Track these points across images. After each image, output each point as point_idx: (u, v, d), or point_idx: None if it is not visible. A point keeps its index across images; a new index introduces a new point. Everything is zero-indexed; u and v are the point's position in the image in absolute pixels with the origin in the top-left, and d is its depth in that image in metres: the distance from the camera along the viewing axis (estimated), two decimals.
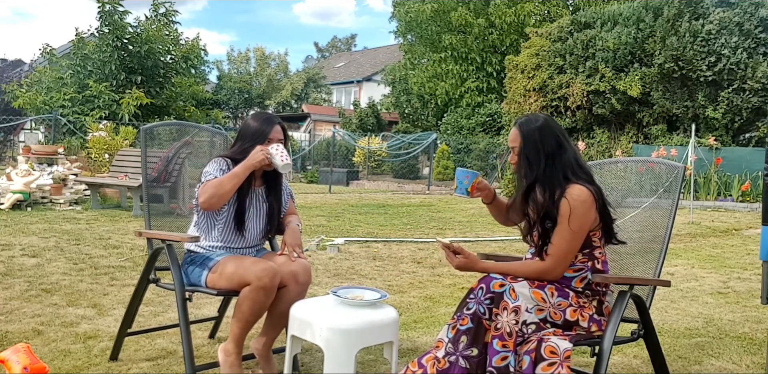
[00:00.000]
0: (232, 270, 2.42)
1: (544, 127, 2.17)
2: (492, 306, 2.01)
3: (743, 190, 11.15)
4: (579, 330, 2.12)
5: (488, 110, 18.41)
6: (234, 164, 2.54)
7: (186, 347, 2.35)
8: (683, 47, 12.03)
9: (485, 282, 2.06)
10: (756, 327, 3.55)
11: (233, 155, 2.59)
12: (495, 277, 2.07)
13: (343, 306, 2.25)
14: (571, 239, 2.11)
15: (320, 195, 12.77)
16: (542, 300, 2.05)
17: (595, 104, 13.76)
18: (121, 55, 14.97)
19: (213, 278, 2.48)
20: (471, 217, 9.16)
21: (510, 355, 1.96)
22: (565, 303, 2.10)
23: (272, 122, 2.64)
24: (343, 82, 34.48)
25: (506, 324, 1.98)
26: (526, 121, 2.20)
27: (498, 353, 1.96)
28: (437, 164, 17.19)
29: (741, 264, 5.61)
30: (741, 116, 12.04)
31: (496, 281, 2.05)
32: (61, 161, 9.40)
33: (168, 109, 15.75)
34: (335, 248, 5.77)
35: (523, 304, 2.01)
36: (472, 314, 2.03)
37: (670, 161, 2.61)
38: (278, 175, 2.69)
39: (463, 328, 2.02)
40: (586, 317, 2.14)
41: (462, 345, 2.01)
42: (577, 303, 2.13)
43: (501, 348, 1.96)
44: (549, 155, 2.15)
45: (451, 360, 2.01)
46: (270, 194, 2.70)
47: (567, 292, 2.13)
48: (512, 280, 2.06)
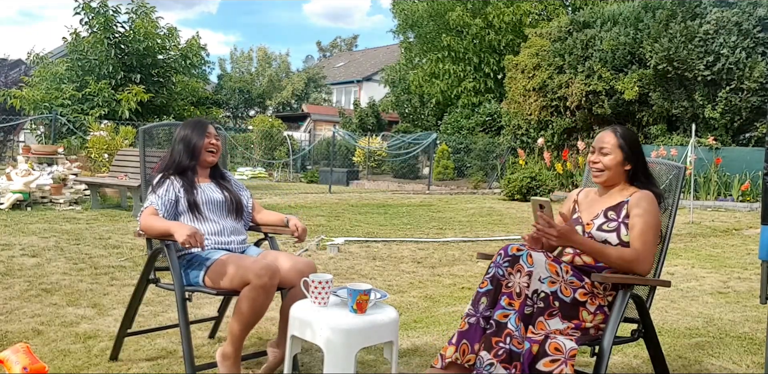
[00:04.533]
0: (231, 269, 2.41)
1: (633, 135, 2.41)
2: (509, 267, 2.10)
3: (743, 190, 11.15)
4: (585, 314, 2.13)
5: (488, 110, 18.40)
6: (178, 177, 2.70)
7: (186, 347, 2.34)
8: (675, 47, 12.01)
9: (504, 249, 2.15)
10: (756, 327, 3.54)
11: (169, 169, 2.74)
12: (513, 243, 2.15)
13: (344, 306, 2.25)
14: (653, 233, 2.20)
15: (320, 195, 12.77)
16: (556, 273, 2.11)
17: (594, 104, 13.77)
18: (118, 53, 14.96)
19: (211, 277, 2.48)
20: (471, 217, 9.16)
21: (512, 313, 2.01)
22: (578, 283, 2.16)
23: (201, 122, 2.80)
24: (343, 82, 34.48)
25: (517, 284, 2.06)
26: (616, 126, 2.42)
27: (502, 308, 2.03)
28: (437, 164, 17.19)
29: (741, 264, 5.61)
30: (740, 115, 12.05)
31: (514, 246, 2.14)
32: (61, 160, 9.40)
33: (168, 108, 15.74)
34: (335, 248, 5.76)
35: (537, 272, 2.08)
36: (491, 277, 2.11)
37: (670, 161, 2.62)
38: (218, 169, 2.88)
39: (483, 290, 2.10)
40: (596, 304, 2.17)
41: (482, 307, 2.07)
42: (590, 289, 2.18)
43: (506, 305, 2.03)
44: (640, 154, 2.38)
45: (471, 322, 2.06)
46: (221, 187, 2.81)
47: (583, 277, 2.18)
48: (531, 248, 2.14)
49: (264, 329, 3.31)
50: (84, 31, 15.08)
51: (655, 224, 2.22)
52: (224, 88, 29.42)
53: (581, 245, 2.18)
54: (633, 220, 2.22)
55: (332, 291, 2.30)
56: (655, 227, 2.22)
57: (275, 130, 19.69)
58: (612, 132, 2.36)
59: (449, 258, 5.66)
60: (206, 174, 2.85)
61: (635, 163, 2.34)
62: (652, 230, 2.21)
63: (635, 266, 2.16)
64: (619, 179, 2.36)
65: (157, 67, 15.65)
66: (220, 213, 2.73)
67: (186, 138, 2.77)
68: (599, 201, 2.39)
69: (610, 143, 2.33)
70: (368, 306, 2.20)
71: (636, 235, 2.20)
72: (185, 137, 2.77)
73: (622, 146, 2.33)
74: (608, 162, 2.33)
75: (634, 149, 2.34)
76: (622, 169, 2.34)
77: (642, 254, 2.17)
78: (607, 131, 2.38)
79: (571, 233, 2.16)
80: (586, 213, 2.39)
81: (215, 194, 2.77)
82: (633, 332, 2.31)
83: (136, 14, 15.27)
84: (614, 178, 2.35)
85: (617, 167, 2.33)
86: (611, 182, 2.36)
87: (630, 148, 2.33)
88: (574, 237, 2.16)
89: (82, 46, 14.85)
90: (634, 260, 2.16)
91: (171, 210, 2.65)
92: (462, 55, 19.81)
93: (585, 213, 2.40)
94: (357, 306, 2.17)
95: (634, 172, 2.35)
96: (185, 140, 2.77)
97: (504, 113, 16.37)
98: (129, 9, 15.29)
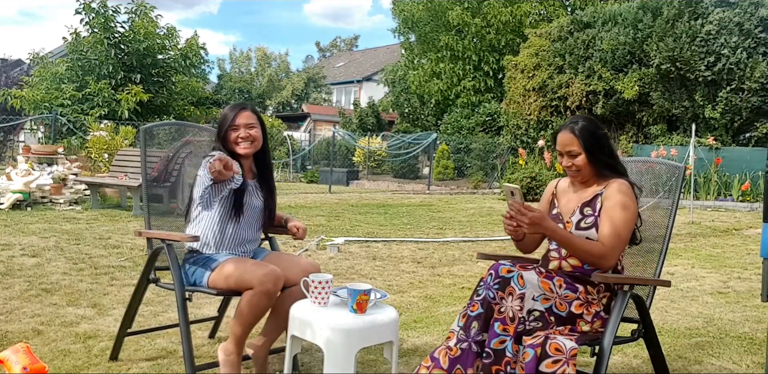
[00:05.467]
0: (234, 273, 2.38)
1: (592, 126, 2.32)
2: (500, 290, 2.04)
3: (743, 190, 11.15)
4: (582, 324, 2.13)
5: (488, 110, 18.41)
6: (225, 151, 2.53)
7: (186, 347, 2.34)
8: (680, 48, 12.02)
9: (494, 269, 2.09)
10: (756, 327, 3.54)
11: (217, 147, 2.58)
12: (503, 263, 2.10)
13: (344, 306, 2.24)
14: (624, 226, 2.15)
15: (320, 195, 12.77)
16: (549, 290, 2.08)
17: (594, 104, 13.77)
18: (118, 53, 14.97)
19: (215, 278, 2.45)
20: (471, 217, 9.16)
21: (508, 340, 1.98)
22: (573, 295, 2.13)
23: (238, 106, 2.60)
24: (343, 81, 34.48)
25: (510, 308, 2.01)
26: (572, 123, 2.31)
27: (497, 336, 1.98)
28: (437, 164, 17.20)
29: (741, 264, 5.61)
30: (740, 115, 12.05)
31: (504, 266, 2.08)
32: (61, 160, 9.40)
33: (167, 108, 15.75)
34: (335, 247, 5.76)
35: (529, 292, 2.04)
36: (482, 300, 2.05)
37: (670, 161, 2.61)
38: (267, 167, 2.69)
39: (474, 314, 2.04)
40: (592, 312, 2.16)
41: (473, 331, 2.03)
42: (585, 298, 2.15)
43: (501, 332, 1.99)
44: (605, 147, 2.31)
45: (463, 347, 2.02)
46: (261, 189, 2.67)
47: (576, 287, 2.15)
48: (521, 267, 2.09)
49: None
50: (84, 31, 15.09)
51: (628, 217, 2.18)
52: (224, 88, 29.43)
53: (553, 231, 2.15)
54: (604, 214, 2.20)
55: (332, 290, 2.30)
56: (627, 221, 2.17)
57: (275, 130, 19.71)
58: (570, 132, 2.29)
59: (449, 258, 5.66)
60: (249, 166, 2.65)
61: (602, 150, 2.29)
62: (624, 225, 2.16)
63: (600, 262, 2.14)
64: (596, 170, 2.31)
65: (157, 67, 15.66)
66: (249, 221, 2.63)
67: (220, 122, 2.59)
68: (575, 195, 2.36)
69: (575, 144, 2.27)
70: (368, 306, 2.19)
71: (606, 231, 2.16)
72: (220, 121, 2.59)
73: (585, 141, 2.27)
74: (580, 162, 2.28)
75: (597, 138, 2.28)
76: (597, 161, 2.29)
77: (610, 251, 2.14)
78: (565, 132, 2.31)
79: (542, 220, 2.12)
80: (565, 210, 2.36)
81: (255, 199, 2.65)
82: (633, 332, 2.30)
83: (136, 14, 15.28)
84: (592, 171, 2.31)
85: (592, 162, 2.29)
86: (590, 176, 2.33)
87: (594, 139, 2.27)
88: (545, 223, 2.13)
89: (82, 46, 14.86)
90: (600, 256, 2.14)
91: (213, 192, 2.38)
92: (461, 54, 19.81)
93: (564, 209, 2.37)
94: (357, 306, 2.16)
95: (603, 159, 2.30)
96: (219, 124, 2.60)
97: (504, 113, 16.38)
98: (129, 9, 15.30)
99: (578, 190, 2.36)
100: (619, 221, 2.16)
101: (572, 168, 2.31)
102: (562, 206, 2.38)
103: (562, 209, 2.37)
